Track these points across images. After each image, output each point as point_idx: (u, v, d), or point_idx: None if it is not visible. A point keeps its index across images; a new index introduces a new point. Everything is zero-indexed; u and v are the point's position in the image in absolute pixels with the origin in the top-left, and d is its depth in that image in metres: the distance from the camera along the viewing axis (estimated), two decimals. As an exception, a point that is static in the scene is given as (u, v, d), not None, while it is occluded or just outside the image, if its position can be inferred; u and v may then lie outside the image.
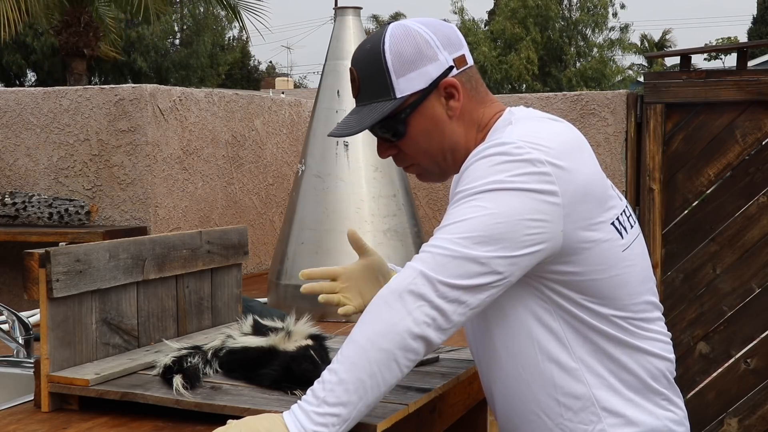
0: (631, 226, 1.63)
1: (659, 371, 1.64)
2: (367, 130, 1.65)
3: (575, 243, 1.52)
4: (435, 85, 1.60)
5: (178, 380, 1.68)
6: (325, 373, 1.44)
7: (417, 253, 1.52)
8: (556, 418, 1.61)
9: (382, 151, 1.68)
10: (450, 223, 1.49)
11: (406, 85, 1.59)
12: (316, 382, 1.44)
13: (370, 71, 1.61)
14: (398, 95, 1.59)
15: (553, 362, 1.59)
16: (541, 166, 1.48)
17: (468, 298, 1.45)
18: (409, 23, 1.63)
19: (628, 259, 1.59)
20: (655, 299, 1.67)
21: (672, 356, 1.68)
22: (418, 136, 1.63)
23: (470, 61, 1.66)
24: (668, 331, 1.72)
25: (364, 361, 1.41)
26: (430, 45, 1.60)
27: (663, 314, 1.71)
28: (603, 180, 1.60)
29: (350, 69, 1.66)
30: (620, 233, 1.58)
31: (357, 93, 1.65)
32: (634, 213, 3.76)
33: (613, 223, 1.57)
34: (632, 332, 1.60)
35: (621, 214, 1.61)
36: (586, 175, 1.54)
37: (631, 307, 1.60)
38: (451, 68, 1.61)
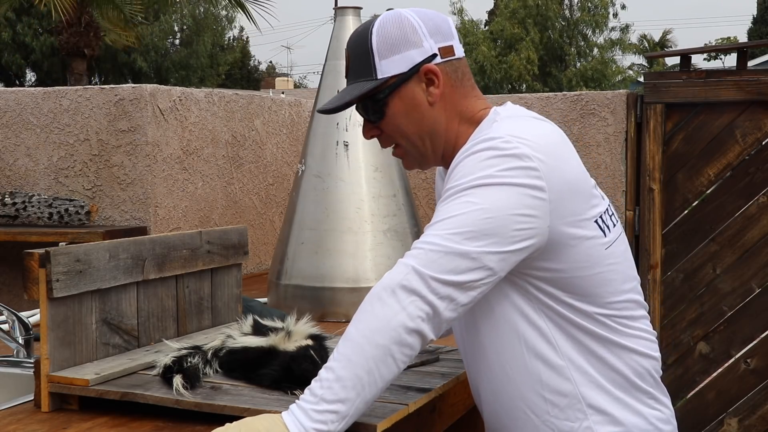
0: (614, 225, 1.66)
1: (645, 370, 1.65)
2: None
3: (561, 239, 1.54)
4: (416, 69, 1.63)
5: (178, 380, 1.68)
6: (322, 372, 1.44)
7: None
8: (542, 415, 1.62)
9: (366, 132, 1.72)
10: (440, 219, 1.50)
11: (387, 67, 1.63)
12: (313, 381, 1.44)
13: (357, 52, 1.66)
14: (379, 76, 1.63)
15: (540, 359, 1.60)
16: (529, 161, 1.49)
17: (459, 294, 1.47)
18: (403, 10, 1.68)
19: (610, 257, 1.61)
20: (639, 298, 1.69)
21: (657, 354, 1.69)
22: (397, 117, 1.65)
23: (459, 53, 1.68)
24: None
25: (360, 358, 1.42)
26: (417, 31, 1.64)
27: (648, 313, 1.72)
28: (587, 178, 1.63)
29: (345, 50, 1.71)
30: (603, 231, 1.60)
31: (347, 73, 1.69)
32: (635, 213, 3.79)
33: (596, 221, 1.59)
34: (616, 330, 1.62)
35: (604, 212, 1.63)
36: (571, 172, 1.56)
37: (614, 305, 1.62)
38: (434, 56, 1.64)
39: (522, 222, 1.48)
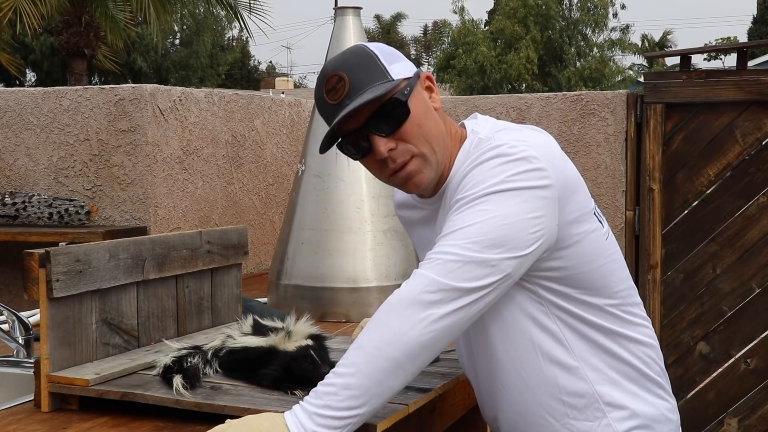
0: (602, 217, 1.70)
1: (651, 359, 1.69)
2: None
3: (569, 236, 1.56)
4: (417, 75, 1.63)
5: (178, 380, 1.68)
6: (330, 376, 1.44)
7: (416, 253, 1.53)
8: (561, 418, 1.64)
9: (381, 147, 1.58)
10: (456, 229, 1.50)
11: (397, 71, 1.60)
12: (320, 384, 1.44)
13: (360, 63, 1.59)
14: (395, 77, 1.59)
15: (555, 363, 1.62)
16: (537, 162, 1.52)
17: (478, 301, 1.48)
18: None
19: (610, 247, 1.66)
20: (633, 284, 1.73)
21: (656, 343, 1.73)
22: (420, 117, 1.60)
23: None
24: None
25: (371, 369, 1.42)
26: (398, 52, 1.67)
27: (645, 309, 1.77)
28: (580, 175, 1.66)
29: (330, 76, 1.58)
30: (601, 222, 1.65)
31: (346, 92, 1.56)
32: (635, 213, 3.79)
33: (594, 213, 1.64)
34: (623, 319, 1.65)
35: (595, 205, 1.68)
36: (571, 170, 1.60)
37: (620, 293, 1.65)
38: (420, 70, 1.66)
39: (535, 225, 1.50)
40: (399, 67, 1.61)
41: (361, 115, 1.57)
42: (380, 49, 1.62)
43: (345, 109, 1.55)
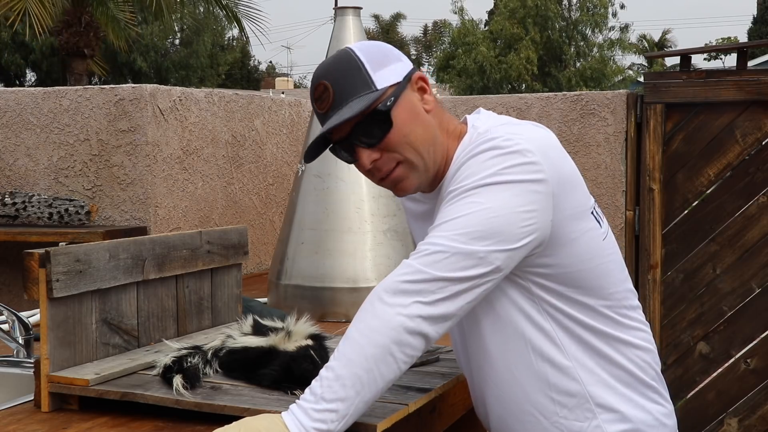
0: (602, 217, 1.69)
1: (646, 363, 1.68)
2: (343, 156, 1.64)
3: (564, 233, 1.55)
4: (408, 78, 1.62)
5: (178, 380, 1.68)
6: (322, 371, 1.45)
7: (415, 247, 1.54)
8: (551, 416, 1.63)
9: (365, 159, 1.60)
10: (446, 220, 1.50)
11: (383, 78, 1.59)
12: (313, 381, 1.45)
13: (345, 72, 1.58)
14: (379, 87, 1.58)
15: (547, 361, 1.62)
16: (531, 156, 1.51)
17: (464, 292, 1.47)
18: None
19: (608, 247, 1.64)
20: (632, 287, 1.72)
21: (653, 347, 1.71)
22: (405, 125, 1.59)
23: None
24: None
25: (360, 357, 1.42)
26: (393, 51, 1.65)
27: (645, 312, 1.76)
28: (579, 173, 1.65)
29: (317, 85, 1.59)
30: (599, 222, 1.64)
31: (330, 102, 1.58)
32: (635, 213, 3.79)
33: (592, 212, 1.63)
34: (618, 322, 1.64)
35: (594, 204, 1.67)
36: (569, 166, 1.59)
37: (615, 295, 1.64)
38: (414, 69, 1.65)
39: (527, 219, 1.50)
40: (386, 72, 1.59)
41: (345, 128, 1.58)
42: (367, 54, 1.60)
43: (328, 123, 1.58)
